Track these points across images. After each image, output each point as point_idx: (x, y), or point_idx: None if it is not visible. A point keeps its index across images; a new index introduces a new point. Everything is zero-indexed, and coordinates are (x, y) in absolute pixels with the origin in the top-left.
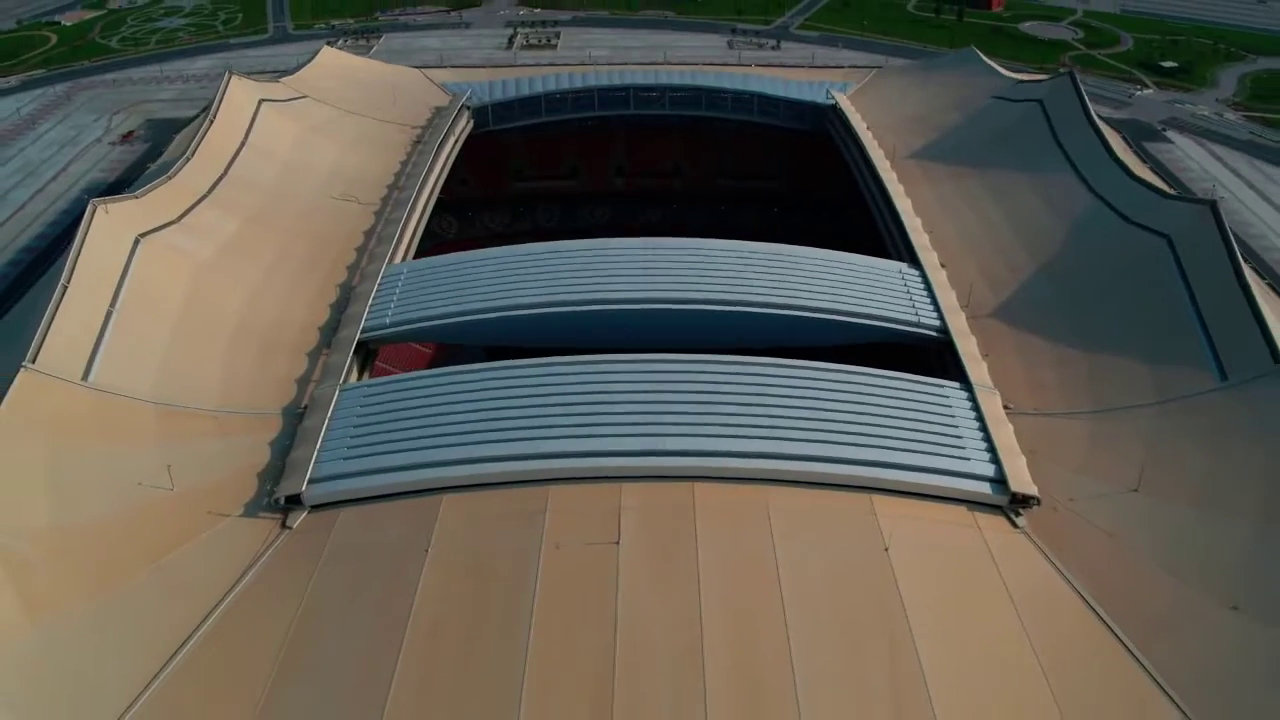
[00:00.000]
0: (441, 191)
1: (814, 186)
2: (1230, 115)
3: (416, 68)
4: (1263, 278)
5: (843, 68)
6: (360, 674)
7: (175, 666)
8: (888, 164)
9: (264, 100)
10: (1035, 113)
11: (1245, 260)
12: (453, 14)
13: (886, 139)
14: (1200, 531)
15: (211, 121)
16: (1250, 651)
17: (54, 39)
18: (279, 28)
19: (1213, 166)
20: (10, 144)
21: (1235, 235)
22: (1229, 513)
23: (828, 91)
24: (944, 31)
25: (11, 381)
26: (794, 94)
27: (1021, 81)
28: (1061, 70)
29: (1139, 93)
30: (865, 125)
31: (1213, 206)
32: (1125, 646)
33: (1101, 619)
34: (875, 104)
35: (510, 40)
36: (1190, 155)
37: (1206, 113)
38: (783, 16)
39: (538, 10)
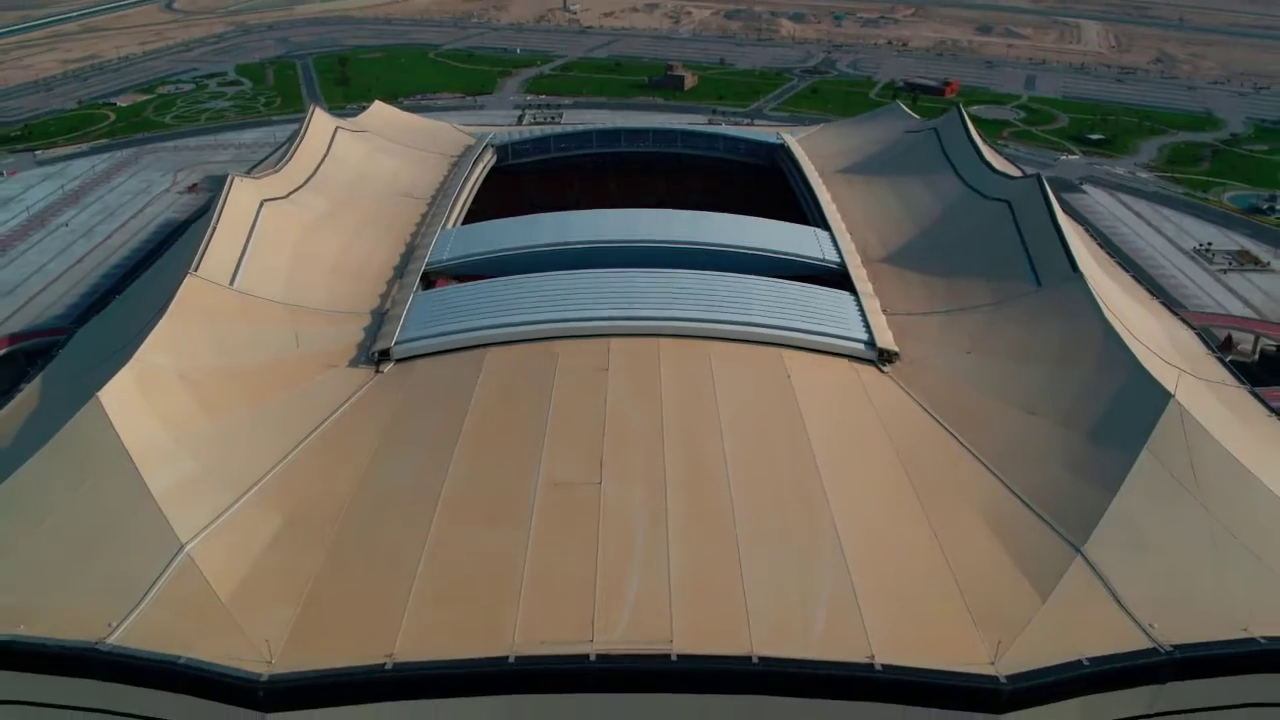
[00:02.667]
0: (469, 212)
1: (766, 211)
2: (1143, 174)
3: None
4: (1126, 268)
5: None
6: (434, 444)
7: (298, 452)
8: (816, 173)
9: (338, 128)
10: (932, 136)
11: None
12: (468, 98)
13: (819, 161)
14: (1012, 370)
15: (301, 139)
16: (1042, 437)
17: (112, 116)
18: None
19: (1119, 210)
20: (91, 193)
21: (1105, 236)
22: (1033, 361)
23: (779, 135)
24: None
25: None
26: (754, 137)
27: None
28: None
29: (1064, 158)
30: (805, 154)
31: (1038, 179)
32: (954, 437)
33: (938, 422)
34: (815, 143)
35: (519, 119)
36: (1100, 202)
37: (1121, 172)
38: (758, 101)
39: (543, 96)
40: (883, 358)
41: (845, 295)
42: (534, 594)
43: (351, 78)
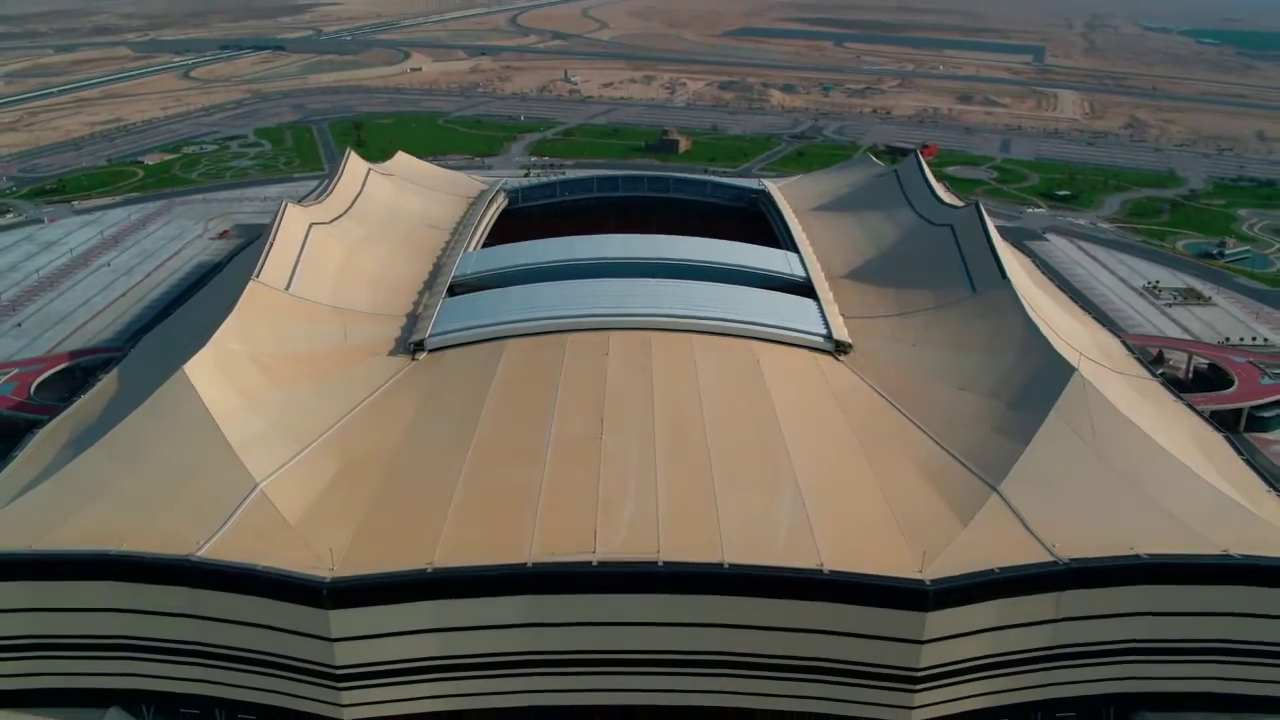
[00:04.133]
0: (485, 243)
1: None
2: (1104, 225)
3: None
4: (1062, 290)
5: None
6: (453, 420)
7: (350, 416)
8: (791, 211)
9: (370, 169)
10: (893, 178)
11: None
12: (477, 159)
13: (795, 201)
14: (948, 357)
15: (339, 178)
16: (970, 407)
17: (141, 173)
18: (332, 167)
19: (1077, 255)
20: (128, 238)
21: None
22: (966, 350)
23: (761, 182)
24: None
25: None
26: (738, 183)
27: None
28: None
29: (1029, 210)
30: (783, 197)
31: (976, 205)
32: (897, 408)
33: (884, 397)
34: (793, 188)
35: (525, 177)
36: (1061, 249)
37: (1083, 223)
38: (747, 163)
39: (546, 157)
40: (839, 349)
41: (809, 301)
42: (548, 516)
43: (366, 140)
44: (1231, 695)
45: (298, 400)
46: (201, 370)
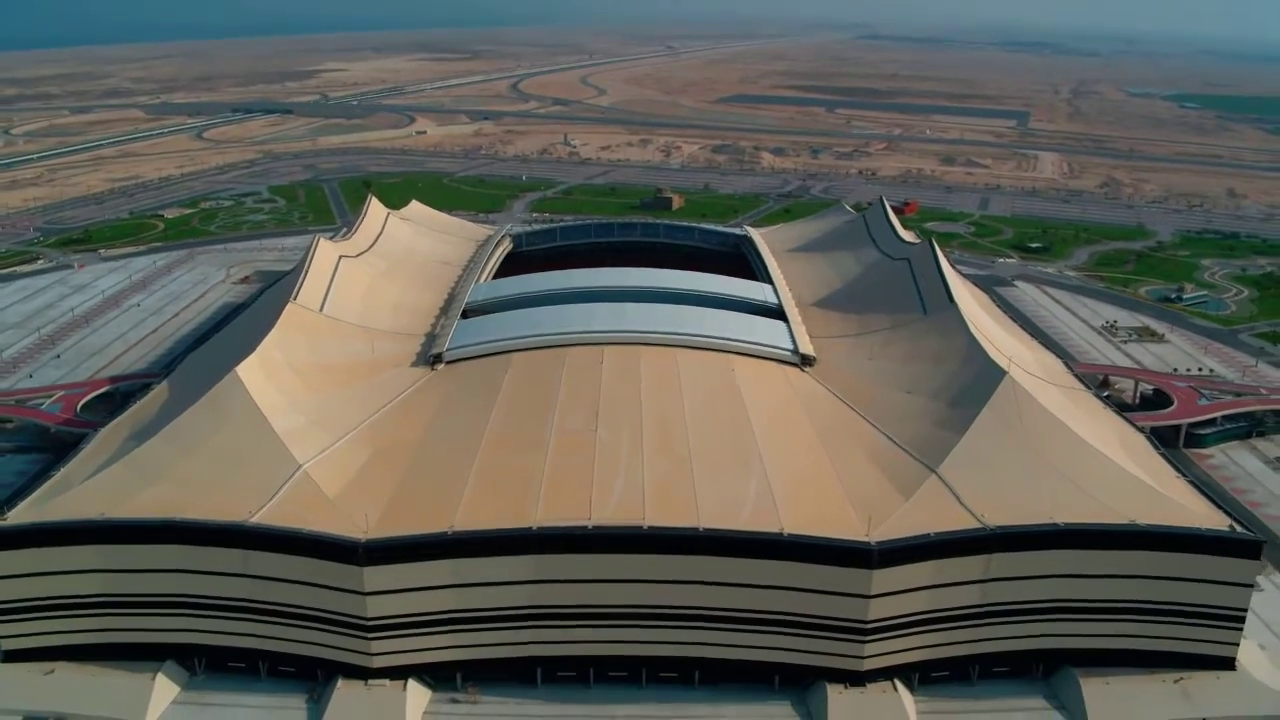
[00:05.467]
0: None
1: None
2: (1070, 273)
3: None
4: (1020, 324)
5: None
6: (469, 416)
7: (378, 415)
8: (769, 251)
9: (389, 214)
10: (860, 222)
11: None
12: (480, 215)
13: (773, 244)
14: (899, 368)
15: (363, 219)
16: (916, 407)
17: (162, 225)
18: (345, 221)
19: (1043, 299)
20: (155, 282)
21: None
22: (916, 361)
23: (744, 228)
24: None
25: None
26: (723, 229)
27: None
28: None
29: (1001, 260)
30: (763, 240)
31: (929, 242)
32: (853, 409)
33: (842, 401)
34: (773, 233)
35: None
36: (1027, 294)
37: (1051, 271)
38: (736, 219)
39: (547, 214)
40: (804, 361)
41: (780, 323)
42: (550, 492)
43: (376, 196)
44: (1146, 651)
45: (333, 401)
46: (251, 373)
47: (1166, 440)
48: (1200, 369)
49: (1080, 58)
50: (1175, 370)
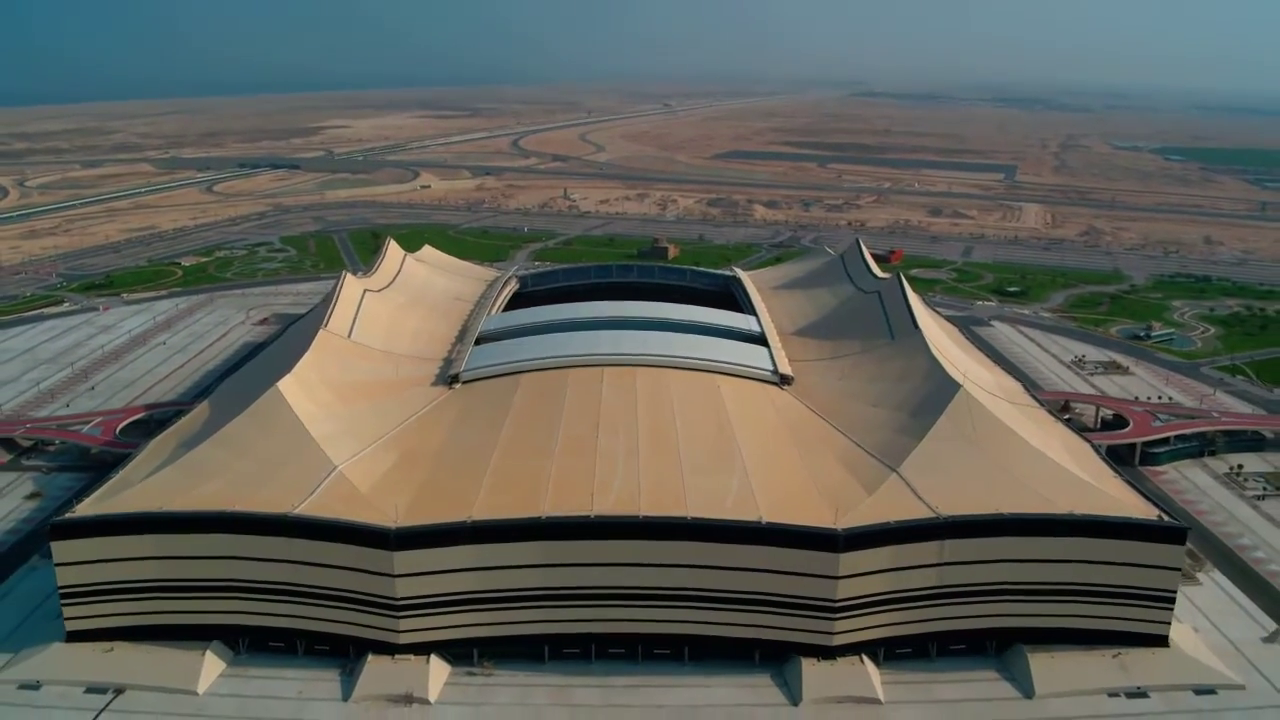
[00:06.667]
0: None
1: None
2: (1045, 314)
3: None
4: (987, 355)
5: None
6: (484, 426)
7: (403, 425)
8: (754, 288)
9: (405, 255)
10: (839, 262)
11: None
12: (484, 264)
13: (759, 282)
14: (868, 386)
15: (382, 260)
16: (881, 417)
17: (180, 272)
18: (356, 268)
19: (1017, 337)
20: (179, 323)
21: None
22: (882, 380)
23: (732, 269)
24: None
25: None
26: (714, 271)
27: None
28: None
29: (979, 303)
30: (749, 279)
31: (898, 275)
32: (825, 420)
33: (816, 414)
34: (759, 273)
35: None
36: (1003, 332)
37: (1027, 313)
38: (729, 265)
39: (547, 263)
40: (783, 380)
41: (762, 348)
42: (556, 488)
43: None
44: (1088, 630)
45: (363, 413)
46: (290, 387)
47: (1123, 459)
48: (1160, 397)
49: (1072, 113)
50: (1136, 398)
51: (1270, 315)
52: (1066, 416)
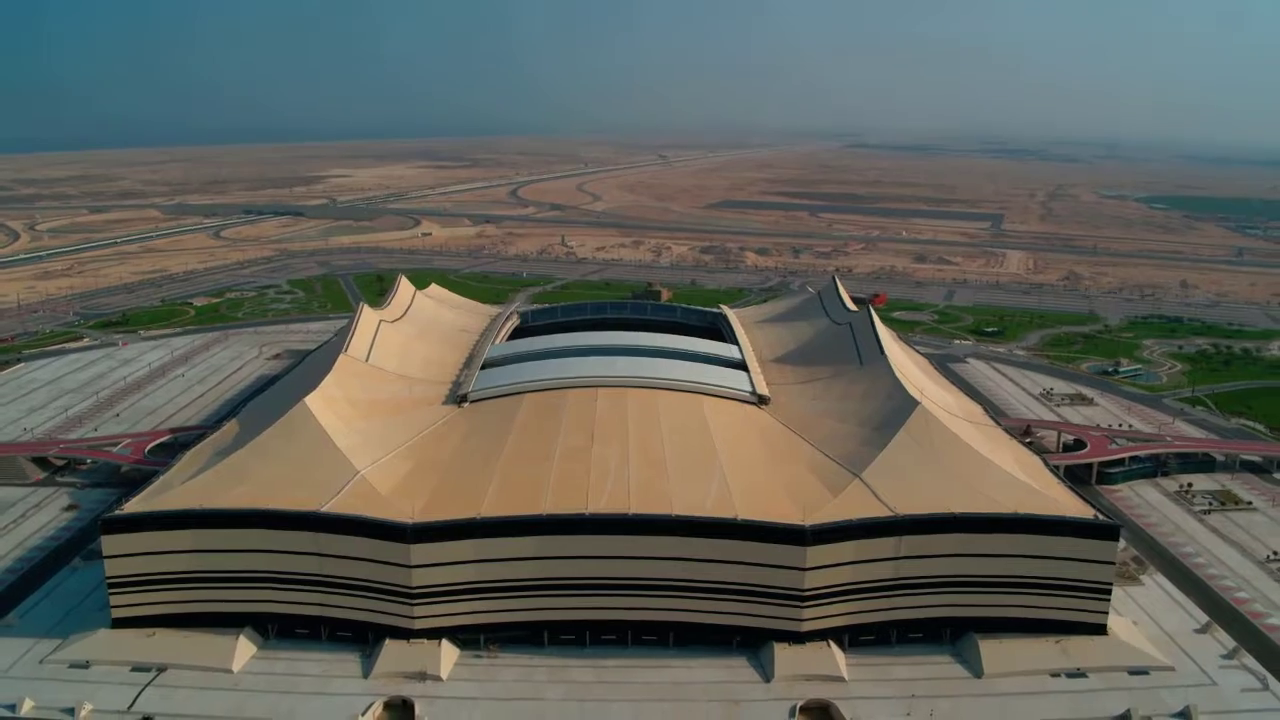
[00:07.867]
0: None
1: None
2: (1019, 352)
3: None
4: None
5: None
6: (491, 438)
7: (417, 438)
8: (739, 322)
9: (415, 292)
10: (817, 299)
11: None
12: (484, 305)
13: (743, 318)
14: (837, 405)
15: (395, 294)
16: (847, 431)
17: (193, 311)
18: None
19: (990, 372)
20: (196, 357)
21: (970, 383)
22: (849, 400)
23: (720, 307)
24: None
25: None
26: (701, 309)
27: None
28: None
29: (957, 342)
30: (735, 315)
31: (868, 308)
32: (799, 436)
33: (790, 430)
34: (745, 310)
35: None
36: (977, 369)
37: (1002, 350)
38: (718, 306)
39: (545, 304)
40: (761, 400)
41: (742, 372)
42: (555, 491)
43: (390, 289)
44: (1034, 619)
45: (381, 426)
46: (316, 403)
47: (1081, 479)
48: (1120, 425)
49: (1061, 163)
50: (1097, 425)
51: (1235, 352)
52: (1028, 440)
